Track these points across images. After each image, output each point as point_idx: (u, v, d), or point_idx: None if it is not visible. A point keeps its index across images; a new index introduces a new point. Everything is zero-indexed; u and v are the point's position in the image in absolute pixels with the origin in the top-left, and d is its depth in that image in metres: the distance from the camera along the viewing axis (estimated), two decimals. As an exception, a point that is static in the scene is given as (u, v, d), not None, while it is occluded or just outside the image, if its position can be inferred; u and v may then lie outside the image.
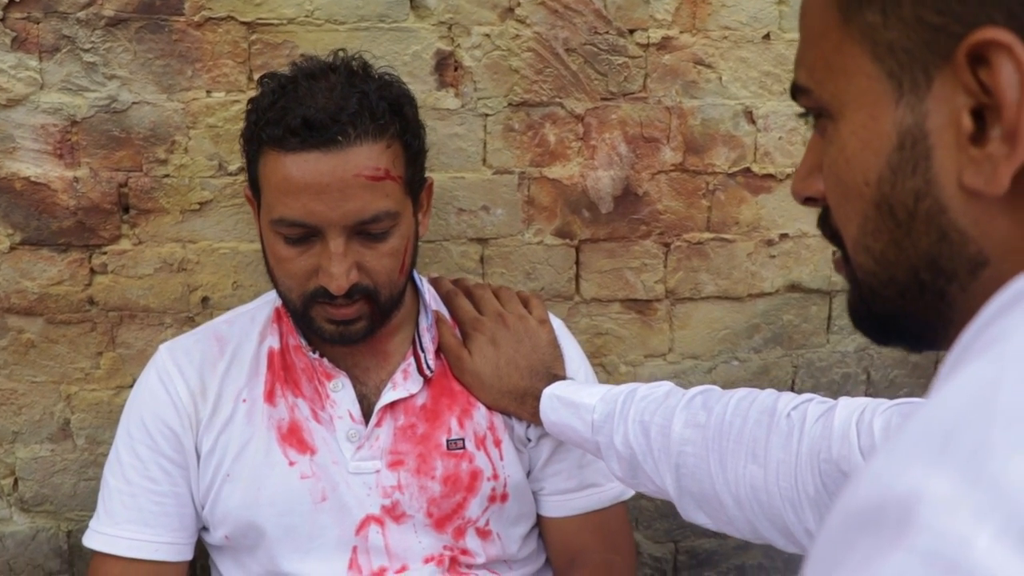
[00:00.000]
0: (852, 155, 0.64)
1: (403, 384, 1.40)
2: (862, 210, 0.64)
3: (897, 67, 0.60)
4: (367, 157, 1.24)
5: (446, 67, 1.58)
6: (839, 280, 1.77)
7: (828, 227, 0.71)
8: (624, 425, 1.24)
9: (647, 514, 1.83)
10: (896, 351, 1.82)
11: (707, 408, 1.18)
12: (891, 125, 0.60)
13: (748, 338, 1.79)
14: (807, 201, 0.73)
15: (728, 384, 1.77)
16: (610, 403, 1.28)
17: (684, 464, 1.18)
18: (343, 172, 1.23)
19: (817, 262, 1.76)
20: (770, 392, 1.17)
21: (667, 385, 1.28)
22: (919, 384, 1.86)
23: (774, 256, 1.75)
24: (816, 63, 0.67)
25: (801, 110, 0.71)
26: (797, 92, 0.70)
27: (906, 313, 0.66)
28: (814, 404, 1.12)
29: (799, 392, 1.80)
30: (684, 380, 1.77)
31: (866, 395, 1.83)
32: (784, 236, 1.74)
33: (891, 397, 1.81)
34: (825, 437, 1.05)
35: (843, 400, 1.09)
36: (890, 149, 0.61)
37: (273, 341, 1.42)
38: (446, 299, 1.51)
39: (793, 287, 1.77)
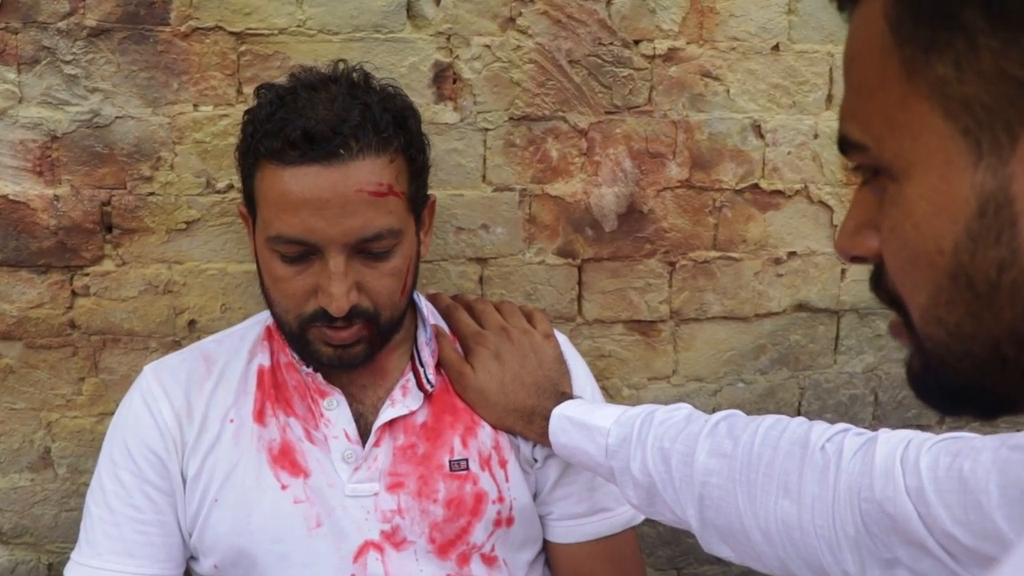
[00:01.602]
0: (922, 220, 0.58)
1: (402, 401, 1.35)
2: (933, 279, 0.58)
3: (974, 125, 0.55)
4: (370, 172, 1.20)
5: (444, 79, 1.54)
6: (847, 299, 1.74)
7: (885, 290, 0.65)
8: (642, 451, 1.19)
9: (649, 542, 1.79)
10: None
11: (733, 436, 1.13)
12: (969, 189, 0.55)
13: (754, 359, 1.75)
14: (855, 259, 0.68)
15: (733, 407, 1.73)
16: (626, 426, 1.22)
17: (708, 496, 1.12)
18: (344, 187, 1.19)
19: (825, 281, 1.73)
20: (801, 421, 1.12)
21: (686, 408, 1.23)
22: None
23: (782, 275, 1.71)
24: (873, 118, 0.61)
25: (850, 163, 0.65)
26: (848, 147, 0.64)
27: (983, 387, 0.60)
28: (851, 436, 1.05)
29: (805, 414, 1.78)
30: (689, 403, 1.72)
31: (874, 417, 1.80)
32: (792, 254, 1.71)
33: (900, 418, 1.80)
34: (866, 474, 0.99)
35: (883, 433, 1.03)
36: (969, 216, 0.55)
37: (263, 359, 1.38)
38: (445, 314, 1.47)
39: (801, 307, 1.74)
